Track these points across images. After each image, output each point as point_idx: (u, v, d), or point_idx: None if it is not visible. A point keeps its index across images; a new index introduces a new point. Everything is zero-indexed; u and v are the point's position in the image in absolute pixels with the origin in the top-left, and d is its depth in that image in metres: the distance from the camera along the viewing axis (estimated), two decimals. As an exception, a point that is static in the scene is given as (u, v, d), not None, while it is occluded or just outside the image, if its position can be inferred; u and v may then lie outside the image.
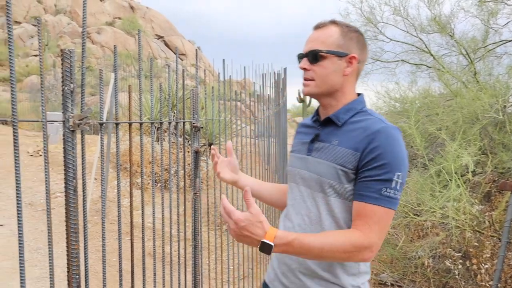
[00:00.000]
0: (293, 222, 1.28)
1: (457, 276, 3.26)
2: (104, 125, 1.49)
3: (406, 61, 5.88)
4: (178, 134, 2.15)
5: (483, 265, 3.19)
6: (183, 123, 2.26)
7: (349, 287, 1.21)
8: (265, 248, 1.05)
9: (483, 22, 5.34)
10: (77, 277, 1.33)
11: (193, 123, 2.30)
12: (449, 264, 3.33)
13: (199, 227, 2.40)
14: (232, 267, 3.60)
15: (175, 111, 2.19)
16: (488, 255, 3.24)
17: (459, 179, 3.35)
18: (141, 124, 1.73)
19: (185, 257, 2.35)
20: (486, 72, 5.27)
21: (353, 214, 1.16)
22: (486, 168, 3.95)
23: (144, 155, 1.74)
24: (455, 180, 3.32)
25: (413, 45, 5.76)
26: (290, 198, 1.34)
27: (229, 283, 3.15)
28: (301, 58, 1.28)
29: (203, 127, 2.41)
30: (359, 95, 1.29)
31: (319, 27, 1.26)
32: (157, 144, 6.66)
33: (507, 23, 5.34)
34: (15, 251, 4.02)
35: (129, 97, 1.72)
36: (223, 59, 2.92)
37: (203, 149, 6.42)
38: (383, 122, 1.18)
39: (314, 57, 1.23)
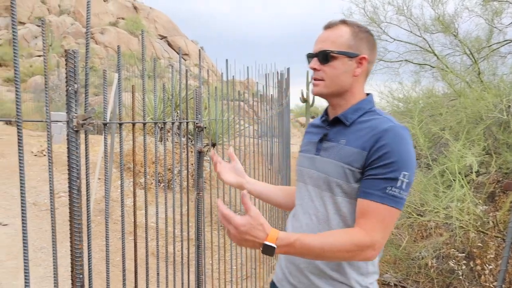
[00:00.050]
0: (301, 221, 1.28)
1: (460, 276, 3.25)
2: (107, 125, 1.50)
3: (409, 61, 5.85)
4: (181, 134, 2.16)
5: (487, 265, 3.17)
6: (186, 123, 2.27)
7: (358, 287, 1.20)
8: (268, 250, 1.04)
9: (487, 21, 5.31)
10: (81, 276, 1.33)
11: (196, 123, 2.30)
12: (452, 264, 3.32)
13: (202, 227, 2.40)
14: (235, 267, 3.60)
15: (178, 111, 2.20)
16: (492, 256, 3.22)
17: (463, 179, 3.33)
18: (144, 124, 1.73)
19: (188, 257, 2.36)
20: (490, 72, 5.25)
21: (357, 212, 1.15)
22: (490, 168, 3.93)
23: (147, 155, 1.75)
24: (459, 180, 3.30)
25: (416, 45, 5.74)
26: (298, 197, 1.34)
27: (232, 283, 3.15)
28: (311, 57, 1.27)
29: (206, 127, 2.41)
30: (368, 95, 1.29)
31: (329, 27, 1.25)
32: (160, 144, 6.67)
33: (511, 23, 5.32)
34: (19, 250, 4.04)
35: (132, 97, 1.73)
36: (226, 59, 2.92)
37: (206, 149, 6.43)
38: (391, 121, 1.17)
39: (324, 57, 1.21)
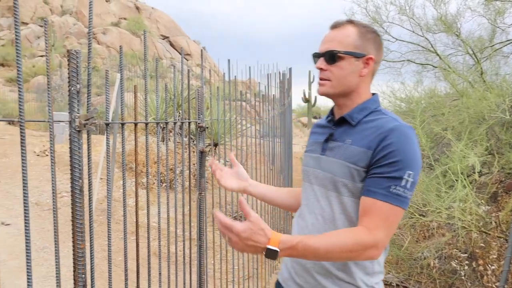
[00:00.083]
0: (307, 221, 1.28)
1: (463, 277, 3.24)
2: (109, 125, 1.50)
3: (411, 61, 5.84)
4: (183, 134, 2.16)
5: (489, 266, 3.16)
6: (189, 123, 2.27)
7: (364, 286, 1.20)
8: (271, 254, 1.04)
9: (490, 21, 5.29)
10: (83, 276, 1.34)
11: (198, 123, 2.31)
12: (455, 265, 3.31)
13: (204, 227, 2.40)
14: (237, 267, 3.60)
15: (181, 111, 2.20)
16: (494, 256, 3.21)
17: (465, 179, 3.33)
18: (146, 124, 1.73)
19: (190, 257, 2.36)
20: (493, 71, 5.23)
21: (360, 210, 1.15)
22: (492, 168, 3.92)
23: (149, 155, 1.75)
24: (461, 180, 3.30)
25: (419, 45, 5.72)
26: (304, 197, 1.34)
27: (234, 283, 3.15)
28: (317, 57, 1.26)
29: (208, 127, 2.41)
30: (373, 94, 1.28)
31: (336, 26, 1.24)
32: (163, 144, 6.68)
33: (514, 22, 5.29)
34: (22, 250, 4.05)
35: (134, 97, 1.73)
36: (228, 59, 2.93)
37: (208, 149, 6.43)
38: (397, 121, 1.17)
39: (331, 57, 1.21)
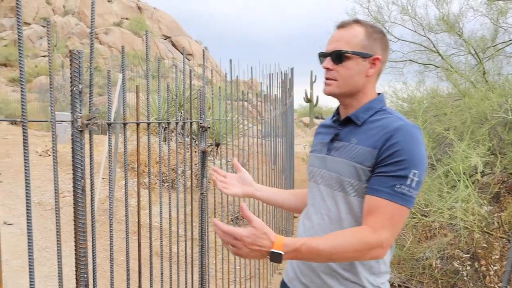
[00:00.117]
0: (313, 221, 1.28)
1: (465, 277, 3.24)
2: (112, 125, 1.50)
3: (414, 61, 5.82)
4: (185, 134, 2.16)
5: (492, 266, 3.16)
6: (190, 123, 2.27)
7: (370, 286, 1.20)
8: (276, 257, 1.04)
9: (492, 21, 5.27)
10: (85, 275, 1.34)
11: (200, 123, 2.31)
12: (457, 265, 3.30)
13: (206, 227, 2.40)
14: (238, 267, 3.60)
15: (182, 111, 2.21)
16: (497, 257, 3.21)
17: (467, 179, 3.32)
18: (148, 124, 1.74)
19: (192, 257, 2.36)
20: (495, 71, 5.21)
21: (365, 209, 1.14)
22: (495, 168, 3.91)
23: (151, 155, 1.75)
24: (463, 180, 3.29)
25: (421, 45, 5.71)
26: (309, 197, 1.34)
27: (236, 283, 3.15)
28: (323, 57, 1.26)
29: (210, 127, 2.42)
30: (379, 94, 1.28)
31: (342, 26, 1.24)
32: (164, 144, 6.68)
33: (516, 22, 5.28)
34: (24, 250, 4.06)
35: (136, 97, 1.73)
36: (230, 59, 2.93)
37: (210, 149, 6.43)
38: (403, 120, 1.17)
39: (338, 57, 1.21)
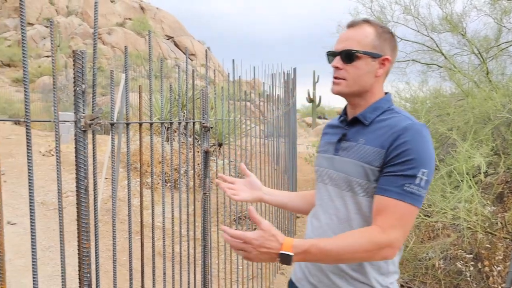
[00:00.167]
0: (321, 221, 1.28)
1: (468, 278, 3.22)
2: (114, 125, 1.51)
3: (416, 61, 5.81)
4: (187, 134, 2.16)
5: (495, 267, 3.14)
6: (193, 123, 2.28)
7: (378, 286, 1.20)
8: (285, 259, 1.04)
9: (496, 20, 5.25)
10: (88, 275, 1.34)
11: (203, 123, 2.31)
12: (460, 266, 3.29)
13: (209, 227, 2.41)
14: (241, 267, 3.60)
15: (185, 111, 2.21)
16: (500, 257, 3.19)
17: (470, 180, 3.31)
18: (151, 124, 1.74)
19: (194, 257, 2.36)
20: (498, 71, 5.19)
21: (374, 209, 1.14)
22: (498, 169, 3.89)
23: (154, 155, 1.76)
24: (466, 181, 3.28)
25: (424, 45, 5.69)
26: (317, 198, 1.34)
27: (238, 283, 3.15)
28: (332, 56, 1.25)
29: (212, 127, 2.42)
30: (386, 93, 1.28)
31: (352, 25, 1.24)
32: (167, 144, 6.69)
33: (520, 22, 5.25)
34: (28, 249, 4.07)
35: (139, 97, 1.73)
36: (232, 60, 2.93)
37: (213, 149, 6.44)
38: (410, 119, 1.17)
39: (348, 56, 1.20)
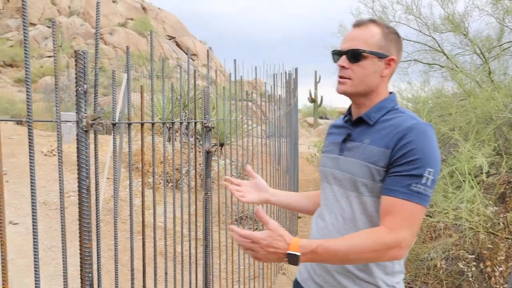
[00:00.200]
0: (327, 221, 1.28)
1: (470, 278, 3.22)
2: (116, 125, 1.51)
3: (418, 61, 5.79)
4: (189, 134, 2.17)
5: (497, 267, 3.14)
6: (195, 123, 2.28)
7: (384, 286, 1.20)
8: (293, 259, 1.04)
9: (498, 20, 5.24)
10: (90, 275, 1.35)
11: (204, 123, 2.31)
12: (462, 266, 3.28)
13: (210, 227, 2.41)
14: (242, 267, 3.60)
15: (187, 111, 2.21)
16: (502, 258, 3.19)
17: (472, 180, 3.30)
18: (153, 124, 1.74)
19: (196, 257, 2.36)
20: (501, 71, 5.18)
21: (381, 210, 1.14)
22: (500, 169, 3.88)
23: (155, 155, 1.76)
24: (468, 181, 3.27)
25: (425, 44, 5.68)
26: (323, 198, 1.34)
27: (240, 283, 3.15)
28: (338, 55, 1.25)
29: (214, 127, 2.42)
30: (390, 93, 1.28)
31: (359, 25, 1.24)
32: (169, 144, 6.70)
33: (522, 22, 5.23)
34: (30, 249, 4.08)
35: (141, 97, 1.74)
36: (234, 60, 2.93)
37: (214, 149, 6.44)
38: (415, 119, 1.17)
39: (355, 56, 1.20)
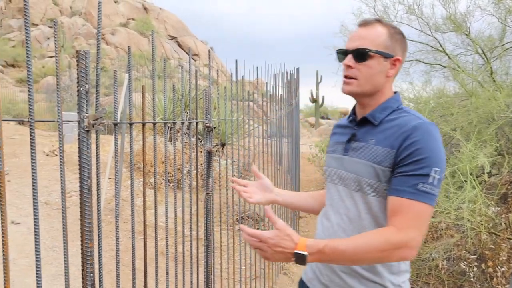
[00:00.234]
0: (332, 221, 1.28)
1: (472, 278, 3.21)
2: (118, 125, 1.51)
3: (420, 61, 5.79)
4: (191, 134, 2.17)
5: (499, 268, 3.13)
6: (196, 123, 2.28)
7: (390, 285, 1.20)
8: (300, 259, 1.04)
9: (500, 20, 5.23)
10: (91, 275, 1.35)
11: (206, 123, 2.31)
12: (464, 266, 3.28)
13: (212, 227, 2.41)
14: (244, 267, 3.60)
15: (188, 111, 2.21)
16: (504, 258, 3.18)
17: (474, 180, 3.29)
18: (154, 124, 1.74)
19: (197, 257, 2.36)
20: (503, 71, 5.17)
21: (389, 210, 1.13)
22: (502, 169, 3.87)
23: (157, 155, 1.76)
24: (470, 181, 3.26)
25: (427, 44, 5.68)
26: (328, 197, 1.34)
27: (241, 283, 3.15)
28: (343, 54, 1.24)
29: (215, 127, 2.42)
30: (395, 93, 1.28)
31: (365, 25, 1.23)
32: (170, 144, 6.70)
33: (524, 22, 5.22)
34: (31, 249, 4.09)
35: (142, 97, 1.74)
36: (235, 60, 2.93)
37: (216, 149, 6.44)
38: (420, 118, 1.17)
39: (361, 55, 1.20)
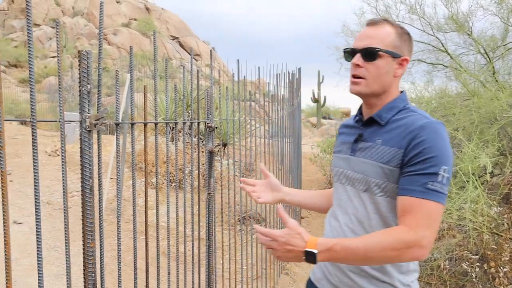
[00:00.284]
0: (340, 221, 1.28)
1: (474, 279, 3.20)
2: (119, 125, 1.51)
3: (422, 61, 5.77)
4: (192, 134, 2.17)
5: (501, 268, 3.12)
6: (198, 123, 2.28)
7: (399, 285, 1.19)
8: (310, 257, 1.04)
9: (502, 20, 5.21)
10: (93, 275, 1.35)
11: (208, 123, 2.31)
12: (466, 266, 3.27)
13: (213, 227, 2.41)
14: (245, 267, 3.60)
15: (190, 111, 2.21)
16: (506, 258, 3.17)
17: (476, 180, 3.28)
18: (156, 124, 1.74)
19: (199, 257, 2.36)
20: (505, 71, 5.16)
21: (399, 210, 1.13)
22: (504, 169, 3.86)
23: (159, 155, 1.76)
24: (472, 181, 3.26)
25: (429, 44, 5.66)
26: (335, 197, 1.34)
27: (243, 283, 3.15)
28: (351, 53, 1.23)
29: (217, 127, 2.42)
30: (401, 92, 1.27)
31: (373, 24, 1.23)
32: (172, 144, 6.71)
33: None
34: (34, 249, 4.10)
35: (144, 97, 1.74)
36: (237, 60, 2.93)
37: (218, 149, 6.44)
38: (427, 118, 1.16)
39: (370, 55, 1.19)
